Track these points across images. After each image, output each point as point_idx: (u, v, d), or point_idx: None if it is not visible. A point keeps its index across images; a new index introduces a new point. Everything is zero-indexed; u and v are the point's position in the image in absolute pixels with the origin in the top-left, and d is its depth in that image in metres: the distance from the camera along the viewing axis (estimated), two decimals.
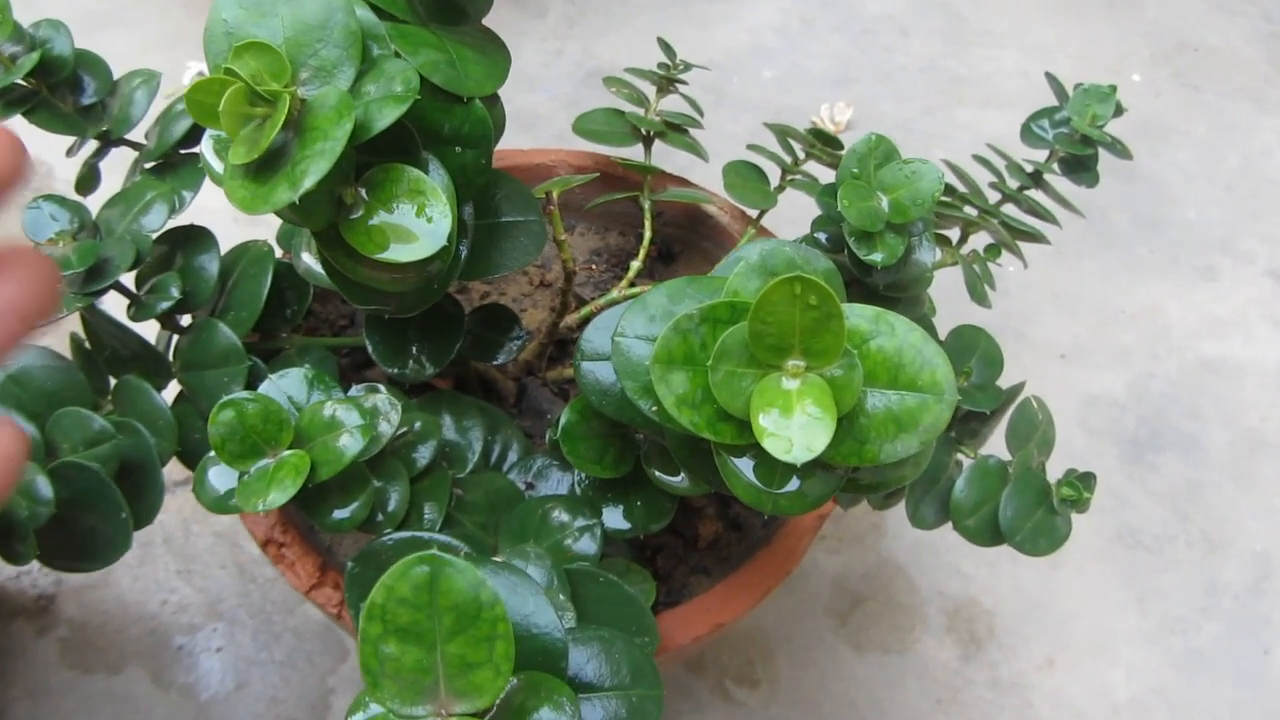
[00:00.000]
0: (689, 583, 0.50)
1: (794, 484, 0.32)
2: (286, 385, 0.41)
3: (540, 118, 0.98)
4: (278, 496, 0.37)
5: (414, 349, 0.45)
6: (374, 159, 0.35)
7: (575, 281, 0.52)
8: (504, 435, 0.49)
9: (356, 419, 0.38)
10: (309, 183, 0.31)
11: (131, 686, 0.66)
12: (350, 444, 0.38)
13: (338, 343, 0.51)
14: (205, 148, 0.35)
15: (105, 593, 0.70)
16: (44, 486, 0.39)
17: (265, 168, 0.32)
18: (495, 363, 0.50)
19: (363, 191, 0.34)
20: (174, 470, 0.74)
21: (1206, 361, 0.87)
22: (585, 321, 0.57)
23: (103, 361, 0.46)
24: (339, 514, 0.40)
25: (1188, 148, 1.01)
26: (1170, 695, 0.71)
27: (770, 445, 0.29)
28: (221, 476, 0.39)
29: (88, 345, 0.46)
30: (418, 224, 0.34)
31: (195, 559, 0.71)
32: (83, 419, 0.42)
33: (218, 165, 0.34)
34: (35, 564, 0.72)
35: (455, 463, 0.46)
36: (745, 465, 0.33)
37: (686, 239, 0.63)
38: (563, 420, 0.41)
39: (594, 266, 0.62)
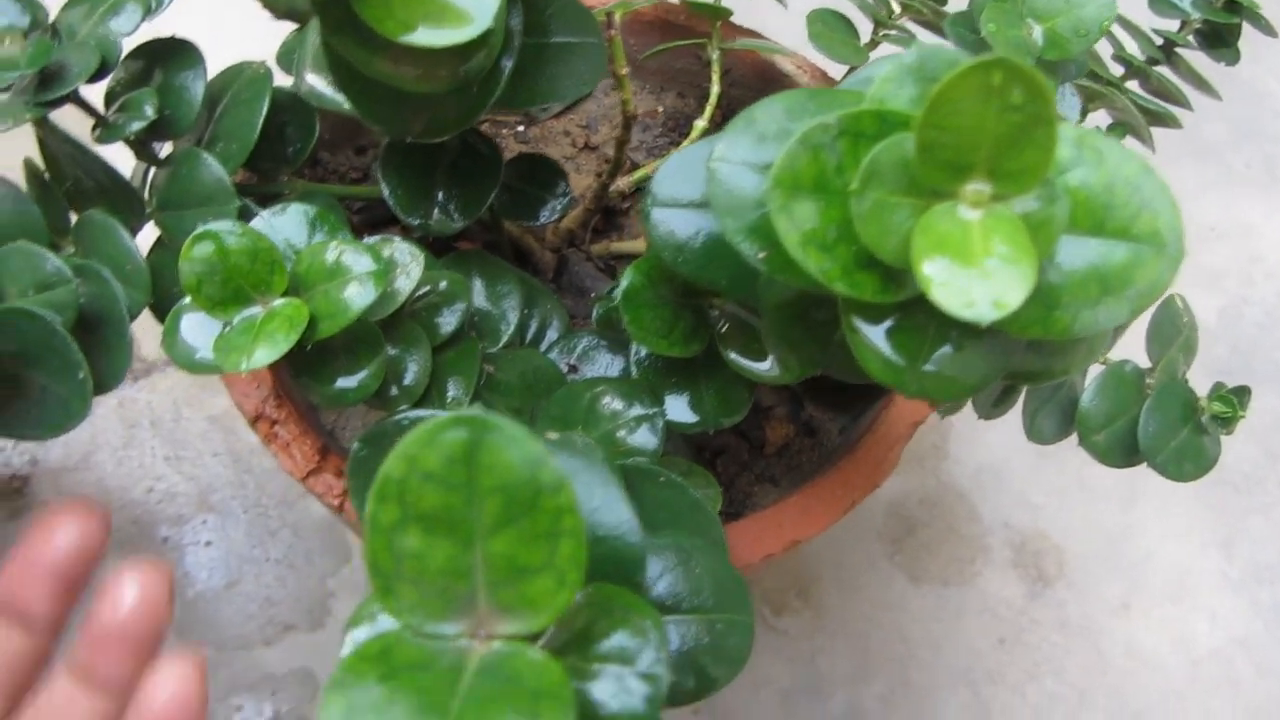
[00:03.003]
0: (753, 492, 0.42)
1: (945, 360, 0.25)
2: (283, 225, 0.33)
3: None
4: (265, 354, 0.29)
5: (440, 196, 0.37)
6: None
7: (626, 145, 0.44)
8: (542, 309, 0.41)
9: (368, 264, 0.30)
10: None
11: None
12: (358, 295, 0.30)
13: (348, 192, 0.43)
14: None
15: (85, 475, 0.63)
16: None
17: None
18: (535, 223, 0.42)
19: None
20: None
21: None
22: (639, 187, 0.49)
23: (63, 195, 0.38)
24: (343, 382, 0.32)
25: None
26: (1256, 650, 0.64)
27: (942, 298, 0.21)
28: (198, 327, 0.31)
29: (45, 174, 0.38)
30: None
31: (186, 445, 0.64)
32: (34, 257, 0.34)
33: None
34: (7, 441, 0.65)
35: (486, 335, 0.38)
36: (878, 333, 0.25)
37: (754, 102, 0.54)
38: (625, 283, 0.33)
39: (646, 131, 0.54)
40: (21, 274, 0.34)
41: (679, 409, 0.36)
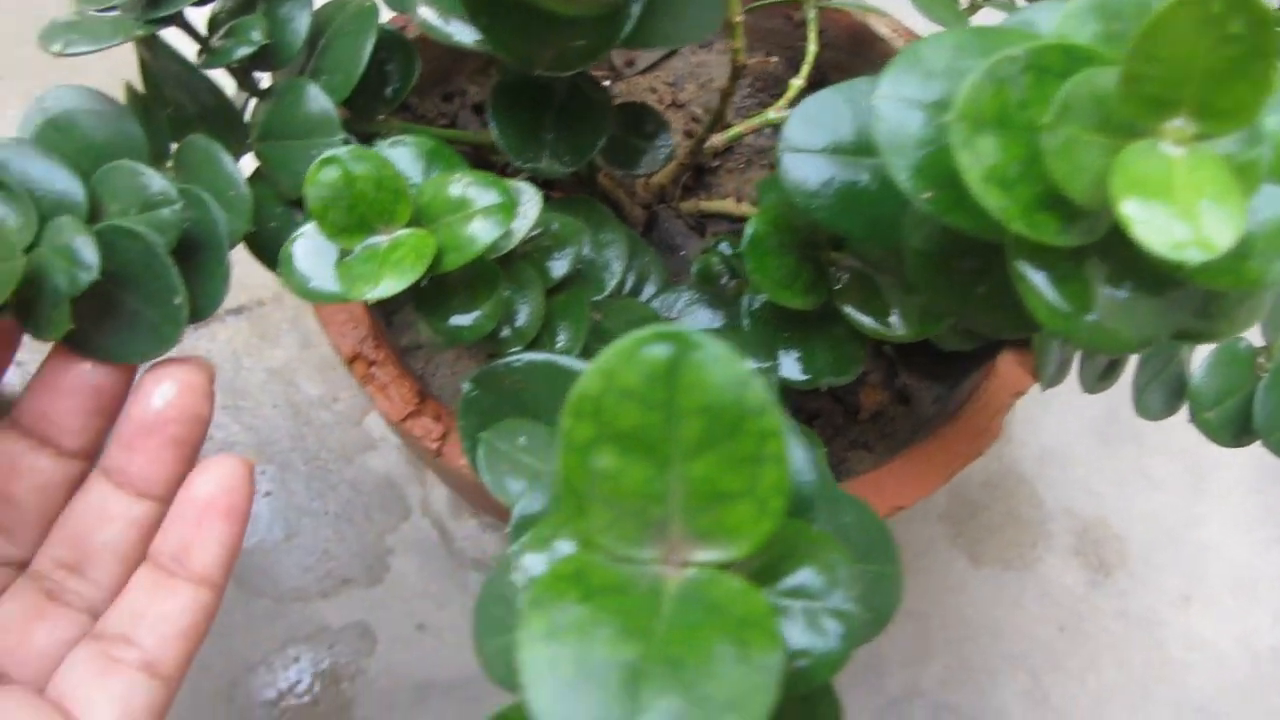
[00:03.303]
0: (847, 458, 0.42)
1: (1114, 311, 0.24)
2: (398, 157, 0.32)
3: None
4: (392, 283, 0.28)
5: (550, 139, 0.36)
6: None
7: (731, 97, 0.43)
8: (640, 262, 0.40)
9: (494, 197, 0.30)
10: None
11: None
12: (484, 230, 0.29)
13: (451, 135, 0.42)
14: None
15: None
16: (87, 249, 0.31)
17: None
18: (635, 172, 0.41)
19: None
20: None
21: None
22: (733, 144, 0.48)
23: (164, 120, 0.37)
24: (459, 319, 0.32)
25: None
26: None
27: (1145, 236, 0.20)
28: (314, 255, 0.30)
29: (146, 98, 0.37)
30: None
31: (245, 395, 0.64)
32: (139, 176, 0.33)
33: None
34: None
35: (590, 283, 0.37)
36: (1047, 280, 0.24)
37: (847, 66, 0.53)
38: (750, 229, 0.32)
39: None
40: (124, 192, 0.33)
41: (790, 366, 0.35)
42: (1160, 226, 0.20)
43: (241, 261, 0.66)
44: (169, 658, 0.31)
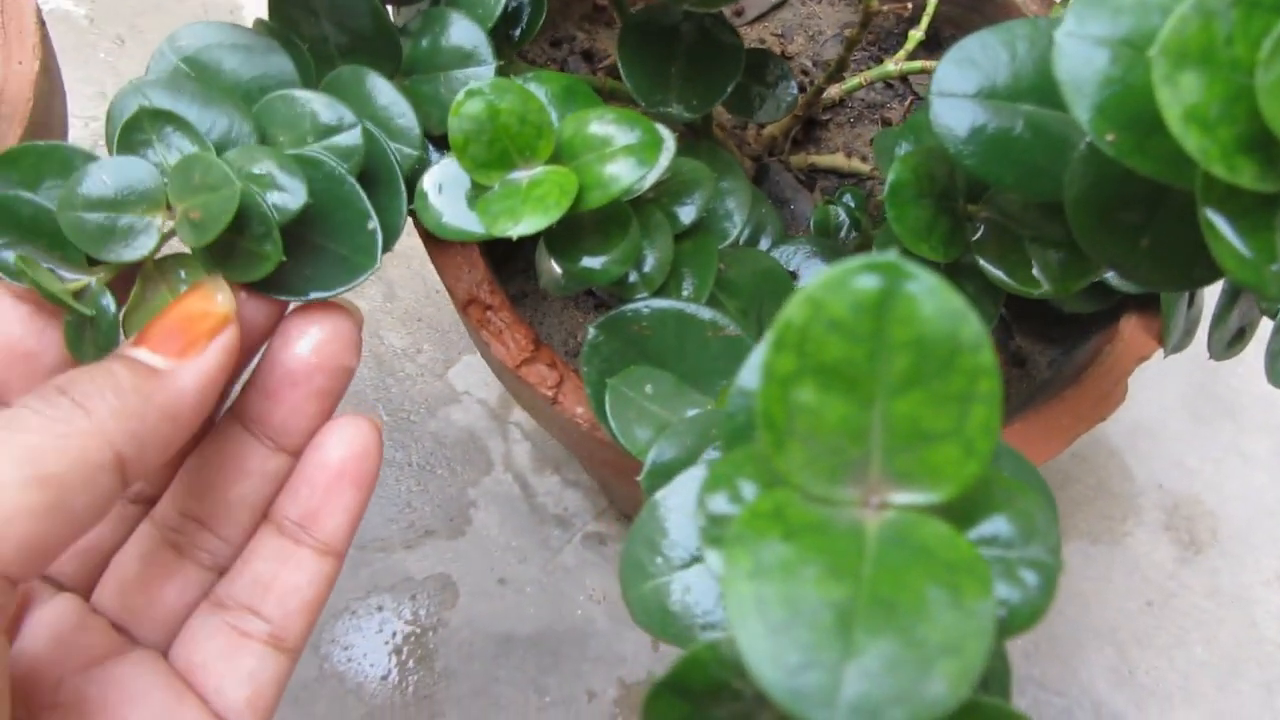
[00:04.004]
0: None
1: None
2: (537, 93, 0.31)
3: None
4: (534, 220, 0.28)
5: (677, 83, 0.36)
6: None
7: (857, 45, 0.42)
8: (757, 213, 0.39)
9: (638, 136, 0.29)
10: None
11: None
12: (626, 169, 0.29)
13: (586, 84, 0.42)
14: None
15: None
16: (287, 175, 0.29)
17: None
18: (755, 120, 0.40)
19: None
20: None
21: None
22: (845, 99, 0.47)
23: (306, 53, 0.36)
24: (590, 261, 0.31)
25: None
26: None
27: None
28: (449, 191, 0.30)
29: (279, 30, 0.37)
30: None
31: None
32: (308, 104, 0.31)
33: None
34: None
35: (713, 232, 0.36)
36: (1236, 229, 0.23)
37: (963, 21, 0.51)
38: (892, 177, 0.31)
39: (842, 43, 0.51)
40: (293, 123, 0.32)
41: None
42: None
43: None
44: (294, 631, 0.30)
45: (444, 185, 0.30)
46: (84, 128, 0.66)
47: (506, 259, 0.42)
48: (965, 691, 0.15)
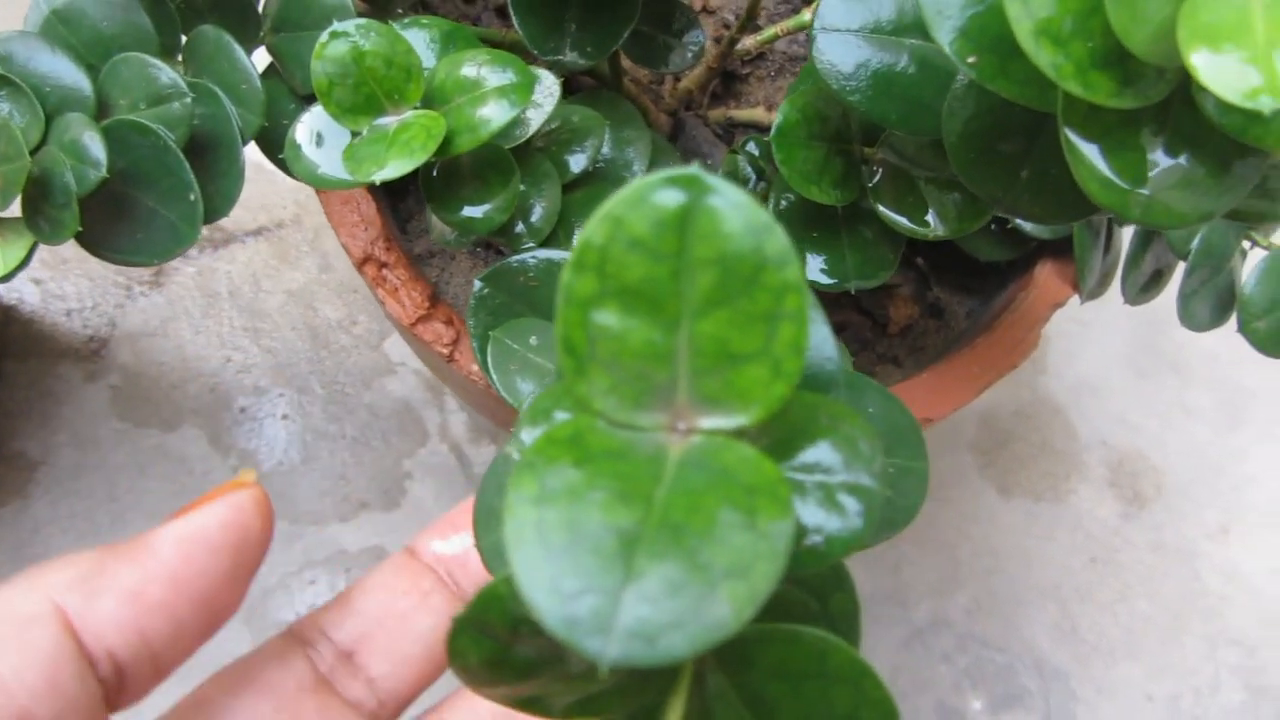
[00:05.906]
0: (875, 373, 0.40)
1: (1169, 184, 0.22)
2: (413, 39, 0.30)
3: None
4: (399, 165, 0.27)
5: (573, 30, 0.35)
6: None
7: (736, 11, 0.41)
8: (663, 164, 0.38)
9: (509, 77, 0.28)
10: None
11: (187, 446, 0.59)
12: (497, 111, 0.28)
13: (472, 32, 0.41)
14: None
15: (163, 342, 0.62)
16: (94, 144, 0.30)
17: None
18: (662, 70, 0.39)
19: None
20: (243, 217, 0.65)
21: None
22: (764, 51, 0.46)
23: (174, 11, 0.36)
24: (470, 210, 0.30)
25: None
26: None
27: (1214, 82, 0.18)
28: (322, 140, 0.29)
29: None
30: None
31: (264, 317, 0.63)
32: (148, 69, 0.32)
33: None
34: (87, 300, 0.64)
35: (610, 182, 0.36)
36: (1098, 151, 0.22)
37: None
38: (779, 119, 0.30)
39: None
40: (133, 86, 0.32)
41: (815, 269, 0.34)
42: (1232, 72, 0.18)
43: (259, 182, 0.65)
44: None
45: (324, 136, 0.29)
46: None
47: (414, 215, 0.41)
48: (750, 614, 0.14)
